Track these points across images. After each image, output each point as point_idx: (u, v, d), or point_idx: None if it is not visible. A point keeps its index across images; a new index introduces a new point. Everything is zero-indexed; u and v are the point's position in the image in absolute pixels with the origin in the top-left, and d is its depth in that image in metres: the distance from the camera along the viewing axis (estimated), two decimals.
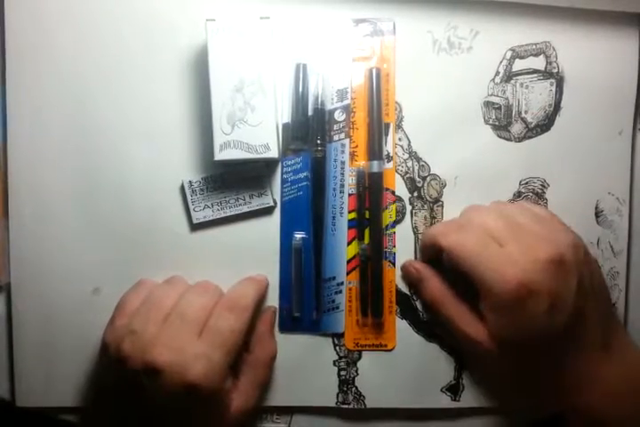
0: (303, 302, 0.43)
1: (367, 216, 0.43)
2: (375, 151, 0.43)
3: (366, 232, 0.43)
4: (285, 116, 0.43)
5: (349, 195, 0.43)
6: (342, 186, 0.43)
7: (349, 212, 0.43)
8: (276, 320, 0.43)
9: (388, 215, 0.43)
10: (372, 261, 0.43)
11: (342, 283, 0.43)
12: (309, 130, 0.42)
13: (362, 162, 0.43)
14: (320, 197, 0.43)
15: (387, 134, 0.43)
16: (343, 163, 0.43)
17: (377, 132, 0.42)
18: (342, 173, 0.43)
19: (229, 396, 0.39)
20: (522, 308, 0.36)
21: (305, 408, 0.45)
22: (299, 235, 0.43)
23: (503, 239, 0.37)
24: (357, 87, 0.43)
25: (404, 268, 0.43)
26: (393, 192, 0.44)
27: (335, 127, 0.43)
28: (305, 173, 0.43)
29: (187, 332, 0.37)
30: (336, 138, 0.43)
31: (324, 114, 0.42)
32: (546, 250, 0.36)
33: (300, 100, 0.42)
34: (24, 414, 0.45)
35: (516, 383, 0.41)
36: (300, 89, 0.42)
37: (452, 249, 0.38)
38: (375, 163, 0.42)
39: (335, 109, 0.43)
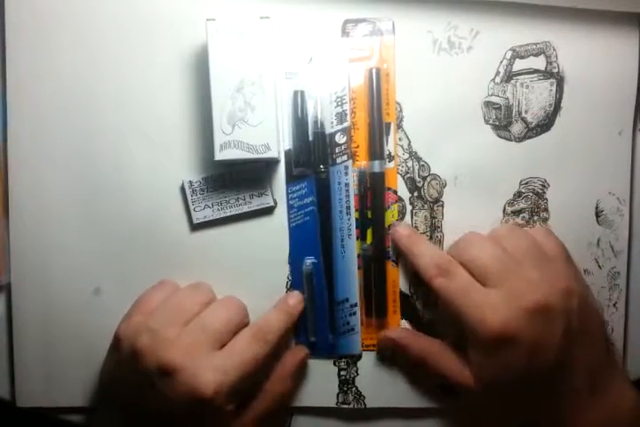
0: (318, 326, 0.43)
1: (369, 216, 0.43)
2: (376, 151, 0.43)
3: (369, 232, 0.43)
4: (287, 143, 0.43)
5: (353, 194, 0.43)
6: (348, 208, 0.43)
7: (355, 196, 0.43)
8: (304, 363, 0.43)
9: (391, 215, 0.43)
10: (374, 261, 0.43)
11: (356, 304, 0.43)
12: (311, 155, 0.42)
13: (363, 162, 0.43)
14: (327, 221, 0.43)
15: (387, 134, 0.43)
16: (347, 185, 0.43)
17: (378, 131, 0.42)
18: (347, 196, 0.43)
19: (230, 421, 0.38)
20: (501, 354, 0.36)
21: (305, 408, 0.45)
22: (309, 260, 0.43)
23: (492, 280, 0.37)
24: (357, 87, 0.43)
25: (380, 342, 0.43)
26: (395, 192, 0.44)
27: (337, 150, 0.43)
28: (310, 198, 0.43)
29: (206, 342, 0.37)
30: (338, 161, 0.43)
31: (324, 138, 0.42)
32: (533, 298, 0.36)
33: (299, 126, 0.42)
34: (24, 414, 0.45)
35: (498, 419, 0.40)
36: (300, 115, 0.42)
37: (439, 292, 0.38)
38: (377, 163, 0.42)
39: (335, 133, 0.43)
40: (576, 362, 0.37)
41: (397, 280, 0.44)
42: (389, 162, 0.43)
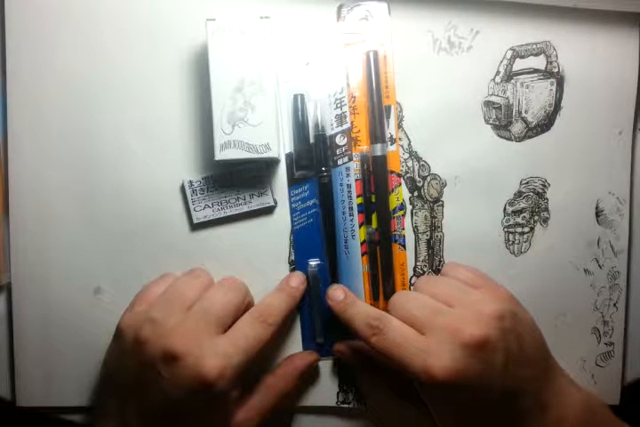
0: (325, 327, 0.44)
1: (373, 200, 0.43)
2: (377, 134, 0.42)
3: (373, 216, 0.43)
4: (287, 146, 0.43)
5: (355, 180, 0.43)
6: (351, 209, 0.43)
7: (357, 196, 0.43)
8: (313, 367, 0.43)
9: (395, 198, 0.43)
10: (381, 245, 0.43)
11: None
12: (313, 157, 0.42)
13: (365, 146, 0.43)
14: (330, 223, 0.43)
15: (388, 117, 0.43)
16: (349, 186, 0.43)
17: (378, 115, 0.42)
18: (350, 197, 0.43)
19: (234, 409, 0.39)
20: (452, 396, 0.36)
21: (305, 408, 0.45)
22: (313, 262, 0.43)
23: (425, 327, 0.37)
24: (356, 71, 0.43)
25: (337, 353, 0.44)
26: (399, 175, 0.44)
27: (338, 152, 0.43)
28: (313, 201, 0.43)
29: (208, 326, 0.37)
30: (340, 162, 0.43)
31: (325, 140, 0.43)
32: (467, 333, 0.35)
33: (300, 129, 0.42)
34: (24, 414, 0.45)
35: None
36: (300, 118, 0.42)
37: (377, 350, 0.38)
38: (378, 146, 0.42)
39: (336, 134, 0.43)
40: (521, 383, 0.37)
41: (406, 264, 0.44)
42: (391, 144, 0.43)
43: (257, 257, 0.44)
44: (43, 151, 0.43)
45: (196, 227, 0.43)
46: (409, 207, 0.44)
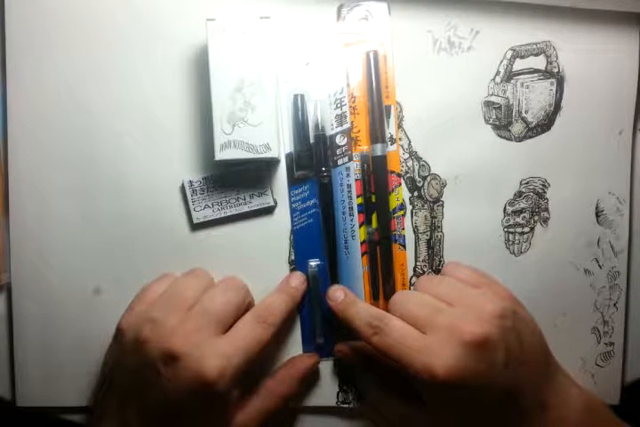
0: (325, 327, 0.44)
1: (373, 200, 0.43)
2: (377, 134, 0.42)
3: (373, 216, 0.43)
4: (288, 147, 0.43)
5: (355, 180, 0.43)
6: (351, 208, 0.43)
7: (357, 197, 0.43)
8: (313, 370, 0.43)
9: (395, 198, 0.43)
10: (381, 245, 0.43)
11: None
12: (313, 157, 0.42)
13: (365, 146, 0.43)
14: (331, 223, 0.43)
15: (388, 117, 0.43)
16: (349, 186, 0.43)
17: (378, 115, 0.42)
18: (350, 197, 0.43)
19: (234, 410, 0.39)
20: (453, 395, 0.36)
21: (305, 408, 0.45)
22: (313, 262, 0.43)
23: (425, 325, 0.37)
24: (356, 71, 0.43)
25: (339, 354, 0.44)
26: (399, 175, 0.44)
27: (338, 152, 0.43)
28: (313, 201, 0.43)
29: (208, 327, 0.37)
30: (340, 162, 0.43)
31: (325, 140, 0.43)
32: (468, 331, 0.35)
33: (300, 129, 0.42)
34: (24, 414, 0.45)
35: None
36: (300, 118, 0.42)
37: (378, 349, 0.38)
38: (378, 146, 0.42)
39: (336, 134, 0.43)
40: (522, 383, 0.37)
41: (406, 264, 0.44)
42: (391, 144, 0.43)
43: (257, 257, 0.44)
44: (43, 151, 0.43)
45: (195, 227, 0.43)
46: (409, 207, 0.44)
